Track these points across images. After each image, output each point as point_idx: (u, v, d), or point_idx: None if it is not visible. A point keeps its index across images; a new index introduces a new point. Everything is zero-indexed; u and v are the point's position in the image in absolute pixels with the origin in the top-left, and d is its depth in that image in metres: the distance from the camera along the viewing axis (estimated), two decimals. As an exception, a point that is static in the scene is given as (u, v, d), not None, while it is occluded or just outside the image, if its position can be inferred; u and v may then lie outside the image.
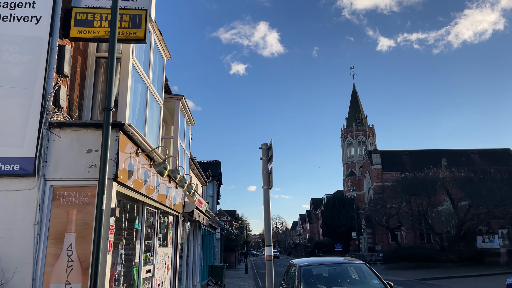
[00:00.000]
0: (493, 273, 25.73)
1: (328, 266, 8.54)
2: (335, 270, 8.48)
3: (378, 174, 62.59)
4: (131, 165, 6.15)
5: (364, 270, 8.39)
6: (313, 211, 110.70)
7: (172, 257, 10.55)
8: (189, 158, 13.71)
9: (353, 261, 8.84)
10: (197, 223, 15.70)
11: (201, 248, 16.78)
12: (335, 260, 9.12)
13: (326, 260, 9.29)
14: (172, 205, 9.84)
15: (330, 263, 8.72)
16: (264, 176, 5.63)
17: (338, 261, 9.02)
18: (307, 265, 8.51)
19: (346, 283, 8.00)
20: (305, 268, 8.39)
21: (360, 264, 8.58)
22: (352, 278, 8.24)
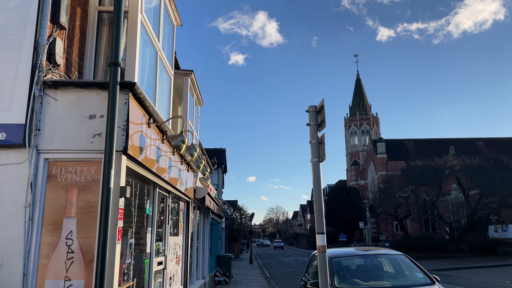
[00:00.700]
0: (509, 263, 24.86)
1: (363, 257, 7.55)
2: (372, 262, 7.50)
3: (382, 163, 61.60)
4: (142, 137, 5.10)
5: (404, 262, 7.41)
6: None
7: (183, 247, 9.57)
8: (198, 141, 12.68)
9: (390, 252, 7.86)
10: (205, 211, 14.71)
11: (209, 238, 15.83)
12: (369, 251, 8.12)
13: (359, 251, 8.29)
14: (184, 189, 8.82)
15: (365, 254, 7.73)
16: (313, 146, 4.53)
17: (373, 252, 8.02)
18: (339, 257, 7.53)
19: (386, 277, 7.02)
20: (337, 260, 7.40)
21: (399, 255, 7.60)
22: (391, 271, 7.25)
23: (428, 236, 36.41)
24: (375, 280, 6.98)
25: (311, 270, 8.77)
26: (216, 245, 20.91)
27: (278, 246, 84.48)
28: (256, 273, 25.00)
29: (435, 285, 6.61)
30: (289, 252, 67.01)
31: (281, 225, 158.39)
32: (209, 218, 15.78)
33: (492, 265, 24.86)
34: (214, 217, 18.15)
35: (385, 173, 60.21)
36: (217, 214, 17.86)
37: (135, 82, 4.59)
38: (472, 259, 28.35)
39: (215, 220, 18.78)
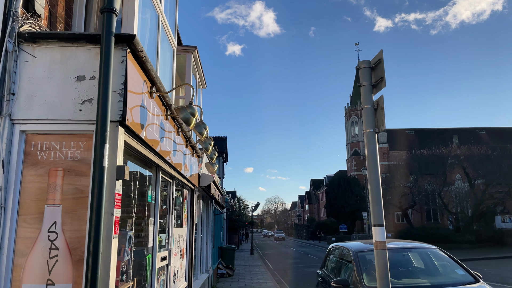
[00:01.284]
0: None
1: (393, 251, 6.69)
2: (403, 257, 6.64)
3: (384, 153, 60.85)
4: (143, 111, 4.17)
5: (440, 257, 6.56)
6: (313, 191, 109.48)
7: (188, 240, 8.70)
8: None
9: (422, 245, 7.00)
10: (209, 200, 13.84)
11: (212, 229, 14.99)
12: (400, 245, 7.25)
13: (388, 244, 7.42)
14: (189, 176, 7.93)
15: (395, 248, 6.87)
16: (367, 113, 3.54)
17: (404, 246, 7.15)
18: (365, 251, 6.66)
19: (422, 274, 6.17)
20: (364, 254, 6.54)
21: (433, 249, 6.75)
22: (426, 267, 6.40)
23: (433, 227, 35.76)
24: (409, 277, 6.13)
25: (329, 265, 7.93)
26: (218, 236, 20.11)
27: (279, 237, 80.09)
28: (259, 265, 24.26)
29: (480, 284, 5.77)
30: (289, 242, 66.55)
31: (279, 215, 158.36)
32: (212, 208, 14.93)
33: (502, 256, 24.19)
34: (217, 207, 17.31)
35: (386, 163, 59.42)
36: (220, 204, 17.01)
37: (134, 34, 3.65)
38: (479, 250, 27.73)
39: (218, 211, 17.94)
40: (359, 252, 6.57)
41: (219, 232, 20.06)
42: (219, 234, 20.38)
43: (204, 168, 9.79)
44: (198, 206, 10.98)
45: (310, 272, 20.24)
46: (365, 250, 6.70)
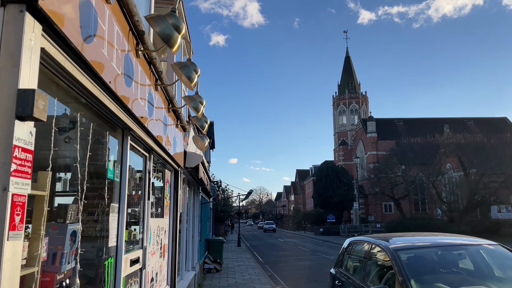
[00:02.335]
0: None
1: (446, 250, 5.08)
2: (460, 257, 5.02)
3: (373, 143, 59.83)
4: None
5: (506, 256, 4.95)
6: (298, 182, 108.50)
7: (171, 233, 6.95)
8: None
9: (478, 241, 5.38)
10: (195, 187, 12.06)
11: (199, 220, 13.23)
12: (449, 241, 5.61)
13: (433, 240, 5.77)
14: (172, 152, 6.17)
15: (445, 245, 5.24)
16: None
17: (456, 242, 5.49)
18: (407, 249, 5.03)
19: (488, 280, 4.56)
20: (407, 254, 4.90)
21: (496, 247, 5.14)
22: (491, 271, 4.79)
23: (426, 217, 34.78)
24: (471, 284, 4.53)
25: (350, 265, 6.28)
26: (205, 228, 18.40)
27: (270, 229, 67.98)
28: (248, 258, 22.66)
29: None
30: (276, 233, 65.29)
31: (264, 206, 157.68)
32: (199, 196, 13.16)
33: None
34: (204, 195, 15.55)
35: (375, 152, 58.57)
36: (207, 192, 15.25)
37: None
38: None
39: (205, 199, 16.19)
40: (399, 250, 4.93)
41: (206, 223, 18.34)
42: (206, 226, 18.66)
43: (191, 144, 8.01)
44: (184, 192, 9.20)
45: (305, 266, 18.74)
46: (406, 248, 5.07)
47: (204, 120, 5.69)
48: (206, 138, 6.47)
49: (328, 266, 19.35)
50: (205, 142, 6.43)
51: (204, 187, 12.24)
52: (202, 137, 6.43)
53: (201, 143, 6.41)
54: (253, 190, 16.96)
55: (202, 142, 6.39)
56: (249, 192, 16.12)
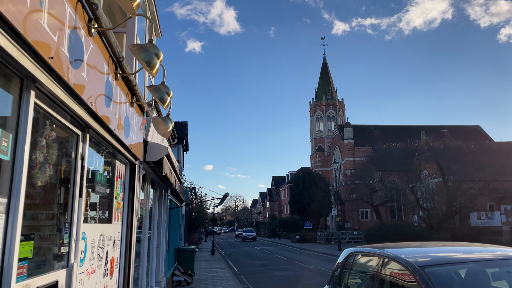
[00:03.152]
0: None
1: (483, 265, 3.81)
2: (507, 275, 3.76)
3: (349, 149, 59.41)
4: None
5: None
6: (274, 189, 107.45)
7: (123, 243, 5.45)
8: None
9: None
10: (163, 188, 10.54)
11: (167, 226, 11.66)
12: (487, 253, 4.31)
13: (462, 251, 4.48)
14: (125, 139, 4.71)
15: (482, 259, 3.96)
16: None
17: (496, 256, 4.19)
18: (437, 265, 3.73)
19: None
20: (437, 271, 3.62)
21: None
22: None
23: (405, 224, 34.07)
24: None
25: (353, 282, 4.96)
26: (175, 236, 16.78)
27: (250, 237, 60.17)
28: (222, 268, 21.09)
29: None
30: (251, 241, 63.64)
31: (239, 213, 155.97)
32: (168, 200, 11.61)
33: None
34: (174, 199, 13.98)
35: (352, 159, 58.15)
36: (178, 195, 13.69)
37: None
38: (456, 249, 26.14)
39: (175, 204, 14.61)
40: (429, 267, 3.63)
41: (176, 231, 16.73)
42: (177, 233, 17.05)
43: (154, 133, 6.54)
44: (146, 193, 7.69)
45: (284, 276, 17.37)
46: (438, 264, 3.78)
47: (165, 91, 4.26)
48: (170, 121, 5.03)
49: (308, 277, 18.06)
50: (169, 126, 4.98)
51: (173, 188, 10.71)
52: (165, 119, 4.98)
53: (163, 126, 4.97)
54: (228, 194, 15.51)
55: (164, 125, 4.94)
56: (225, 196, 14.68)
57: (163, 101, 4.27)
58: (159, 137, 7.42)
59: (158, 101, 4.27)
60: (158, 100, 4.22)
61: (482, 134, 62.43)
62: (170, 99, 4.40)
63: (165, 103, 4.24)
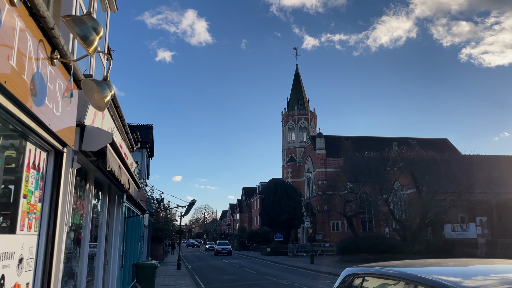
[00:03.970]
0: None
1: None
2: None
3: (321, 160, 58.79)
4: None
5: None
6: (245, 200, 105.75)
7: (40, 263, 3.84)
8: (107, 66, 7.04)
9: None
10: (117, 192, 8.86)
11: (121, 238, 9.92)
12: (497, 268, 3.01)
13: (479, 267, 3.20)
14: (38, 109, 3.17)
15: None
16: None
17: None
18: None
19: None
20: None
21: None
22: None
23: (379, 236, 33.24)
24: None
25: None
26: (135, 249, 14.95)
27: (224, 251, 52.30)
28: (187, 284, 19.29)
29: None
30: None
31: (208, 225, 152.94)
32: (123, 207, 9.90)
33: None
34: (133, 207, 12.24)
35: (324, 169, 57.52)
36: (136, 202, 11.97)
37: None
38: (432, 261, 25.40)
39: (133, 212, 12.85)
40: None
41: (135, 243, 14.90)
42: (136, 246, 15.21)
43: (93, 115, 4.98)
44: (88, 194, 6.06)
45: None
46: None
47: (91, 25, 2.79)
48: (108, 87, 3.52)
49: (282, 294, 16.68)
50: (106, 94, 3.47)
51: (129, 194, 9.05)
52: (101, 84, 3.46)
53: (98, 95, 3.45)
54: (195, 201, 13.80)
55: (99, 93, 3.44)
56: (191, 203, 12.98)
57: (88, 42, 2.78)
58: (106, 123, 5.86)
59: (79, 40, 2.76)
60: (79, 39, 2.72)
61: (449, 146, 63.52)
62: (98, 40, 2.91)
63: (90, 45, 2.76)
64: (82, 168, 5.52)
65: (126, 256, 12.35)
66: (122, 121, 10.12)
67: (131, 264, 13.70)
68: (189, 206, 13.05)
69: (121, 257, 10.05)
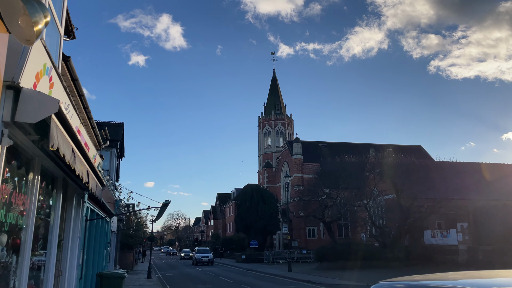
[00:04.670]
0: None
1: None
2: None
3: (298, 165, 58.06)
4: None
5: None
6: (219, 206, 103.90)
7: None
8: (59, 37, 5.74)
9: None
10: (75, 188, 7.47)
11: (80, 245, 8.47)
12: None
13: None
14: None
15: None
16: None
17: None
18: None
19: None
20: None
21: None
22: None
23: (359, 243, 32.51)
24: None
25: None
26: (100, 257, 13.40)
27: (204, 259, 44.71)
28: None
29: None
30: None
31: (181, 232, 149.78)
32: (83, 208, 8.48)
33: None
34: (96, 208, 10.77)
35: (300, 175, 56.79)
36: (101, 203, 10.51)
37: None
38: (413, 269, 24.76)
39: (97, 215, 11.36)
40: None
41: (101, 250, 13.35)
42: (101, 253, 13.65)
43: (29, 70, 3.68)
44: (31, 187, 4.72)
45: (233, 305, 14.51)
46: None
47: None
48: (42, 8, 2.30)
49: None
50: (38, 19, 2.23)
51: (88, 190, 7.65)
52: (30, 2, 2.25)
53: (24, 19, 2.22)
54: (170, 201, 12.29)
55: (26, 15, 2.21)
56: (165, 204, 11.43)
57: None
58: (57, 94, 4.54)
59: None
60: None
61: (424, 153, 64.13)
62: None
63: None
64: (20, 150, 4.20)
65: (88, 265, 10.86)
66: (88, 113, 8.75)
67: (94, 274, 12.18)
68: (162, 207, 11.64)
69: (81, 266, 8.60)
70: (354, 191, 34.72)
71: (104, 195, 9.92)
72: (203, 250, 48.95)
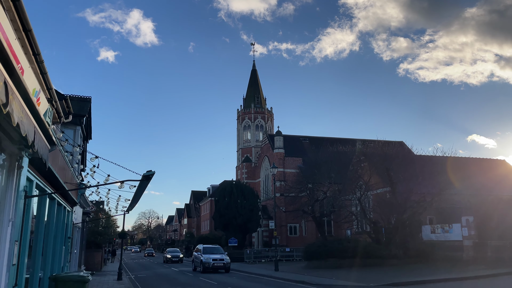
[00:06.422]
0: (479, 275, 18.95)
1: None
2: None
3: (280, 159, 55.51)
4: None
5: None
6: (193, 204, 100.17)
7: None
8: None
9: None
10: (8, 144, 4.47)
11: (18, 232, 5.44)
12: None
13: None
14: None
15: None
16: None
17: None
18: None
19: None
20: None
21: None
22: None
23: (352, 239, 30.19)
24: None
25: None
26: (56, 255, 10.27)
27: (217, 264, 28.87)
28: (131, 301, 14.71)
29: None
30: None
31: (152, 231, 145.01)
32: (20, 177, 5.46)
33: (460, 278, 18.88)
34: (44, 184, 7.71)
35: (282, 170, 54.28)
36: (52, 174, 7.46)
37: None
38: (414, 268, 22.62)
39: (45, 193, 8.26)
40: None
41: (56, 246, 10.23)
42: (58, 251, 10.52)
43: None
44: None
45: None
46: None
47: None
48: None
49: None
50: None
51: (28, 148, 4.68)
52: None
53: None
54: (154, 172, 9.23)
55: None
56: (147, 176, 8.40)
57: None
58: None
59: None
60: None
61: (405, 148, 62.92)
62: None
63: None
64: None
65: (36, 266, 7.80)
66: (36, 56, 5.75)
67: (46, 278, 9.10)
68: (143, 182, 8.64)
69: (15, 266, 5.57)
70: (343, 185, 32.48)
71: (55, 162, 6.90)
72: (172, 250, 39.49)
